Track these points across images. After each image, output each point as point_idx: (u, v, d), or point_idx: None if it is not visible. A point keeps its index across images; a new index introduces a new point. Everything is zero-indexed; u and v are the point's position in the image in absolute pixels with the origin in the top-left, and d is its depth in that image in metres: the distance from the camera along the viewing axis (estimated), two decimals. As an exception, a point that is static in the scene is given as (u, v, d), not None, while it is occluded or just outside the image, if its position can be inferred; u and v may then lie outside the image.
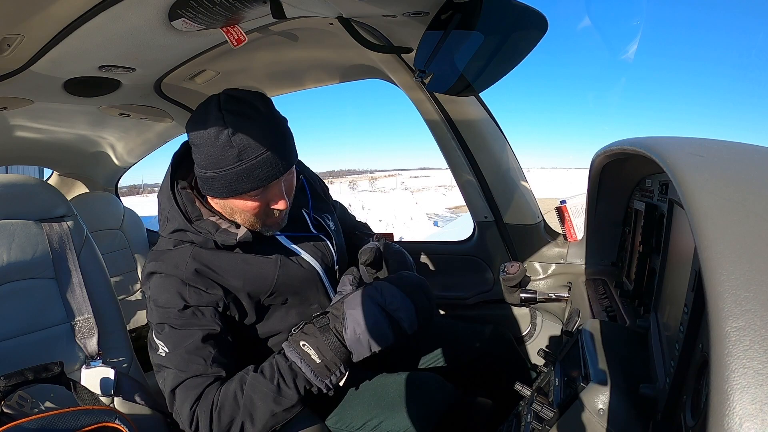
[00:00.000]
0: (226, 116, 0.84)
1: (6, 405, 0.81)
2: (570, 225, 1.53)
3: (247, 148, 0.84)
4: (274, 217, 0.95)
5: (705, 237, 0.42)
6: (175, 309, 0.88)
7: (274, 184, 0.90)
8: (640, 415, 0.64)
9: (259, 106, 0.87)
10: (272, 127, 0.87)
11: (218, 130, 0.83)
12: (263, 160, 0.85)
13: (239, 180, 0.86)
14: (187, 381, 0.86)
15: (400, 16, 1.06)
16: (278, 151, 0.87)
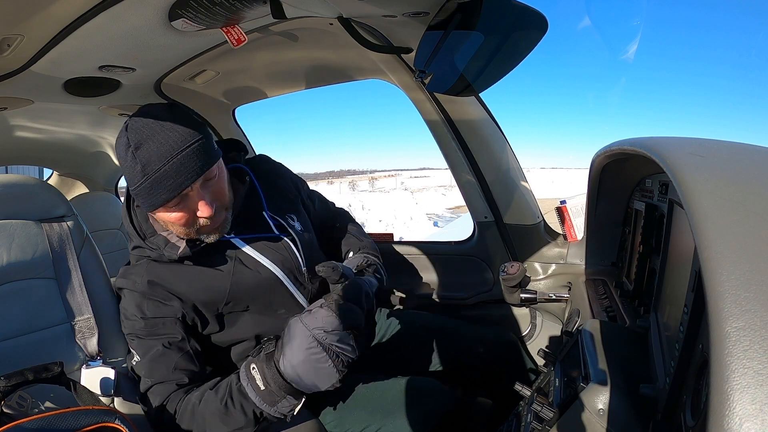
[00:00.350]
0: (129, 134, 0.86)
1: (6, 405, 0.80)
2: (570, 225, 1.53)
3: (149, 162, 0.85)
4: (207, 224, 0.94)
5: (705, 237, 0.42)
6: (138, 321, 0.95)
7: (190, 192, 0.89)
8: (640, 415, 0.64)
9: (162, 118, 0.87)
10: (175, 136, 0.86)
11: (125, 149, 0.86)
12: (167, 171, 0.85)
13: (150, 194, 0.87)
14: (154, 387, 0.91)
15: (400, 16, 1.06)
16: (185, 160, 0.86)
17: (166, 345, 0.93)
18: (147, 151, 0.85)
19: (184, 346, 0.94)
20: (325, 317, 0.79)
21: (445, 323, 1.36)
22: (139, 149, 0.85)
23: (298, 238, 1.07)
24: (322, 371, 0.79)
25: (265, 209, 1.07)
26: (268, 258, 1.03)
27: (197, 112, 1.92)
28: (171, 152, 0.85)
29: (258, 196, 1.08)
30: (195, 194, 0.90)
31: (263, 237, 1.04)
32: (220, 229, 0.97)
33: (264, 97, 1.83)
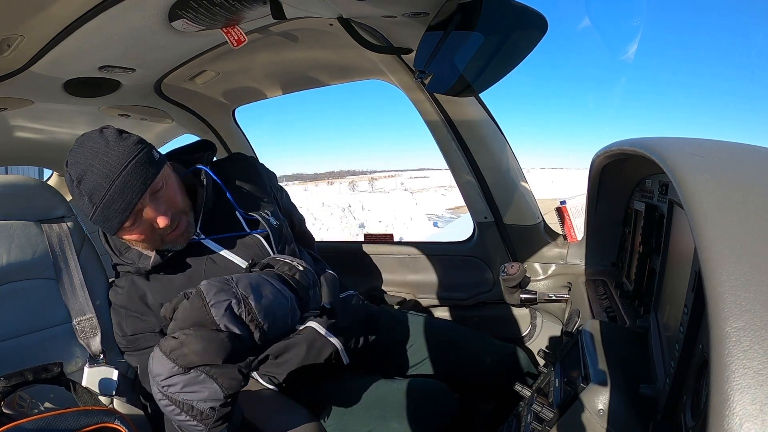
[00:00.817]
0: (70, 170, 0.87)
1: (6, 405, 0.80)
2: (570, 225, 1.53)
3: (94, 191, 0.85)
4: (169, 233, 0.94)
5: (705, 237, 0.42)
6: (120, 338, 1.01)
7: (141, 208, 0.89)
8: (640, 416, 0.64)
9: (96, 144, 0.87)
10: (112, 159, 0.85)
11: (71, 184, 0.87)
12: (113, 195, 0.85)
13: (105, 221, 0.88)
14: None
15: (400, 16, 1.07)
16: (127, 178, 0.85)
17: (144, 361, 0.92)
18: (89, 181, 0.85)
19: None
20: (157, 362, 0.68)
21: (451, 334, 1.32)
22: (81, 182, 0.85)
23: (272, 232, 1.05)
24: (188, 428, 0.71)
25: (236, 208, 1.06)
26: (239, 256, 1.02)
27: (197, 112, 1.93)
28: (111, 176, 0.84)
29: (224, 197, 1.06)
30: (147, 209, 0.90)
31: (234, 236, 1.04)
32: (185, 235, 0.97)
33: (264, 97, 1.83)
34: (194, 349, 0.65)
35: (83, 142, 0.89)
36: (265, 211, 1.09)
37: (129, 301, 0.99)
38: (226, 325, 0.66)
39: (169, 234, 0.94)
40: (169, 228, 0.92)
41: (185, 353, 0.66)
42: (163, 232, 0.93)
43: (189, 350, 0.66)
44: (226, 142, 2.10)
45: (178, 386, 0.67)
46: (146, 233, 0.92)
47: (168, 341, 0.67)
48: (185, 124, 1.97)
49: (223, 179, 1.06)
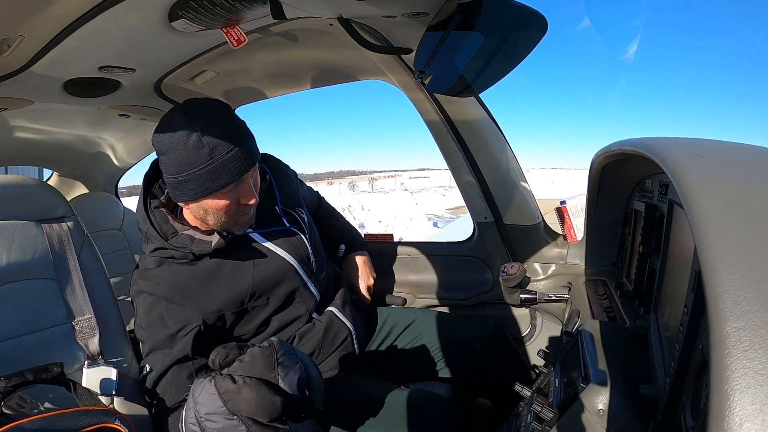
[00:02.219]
0: (193, 121, 0.89)
1: (6, 406, 0.80)
2: (570, 225, 1.53)
3: (217, 146, 0.89)
4: (244, 214, 0.99)
5: (705, 237, 0.42)
6: (158, 333, 0.96)
7: (243, 180, 0.94)
8: (640, 416, 0.64)
9: (220, 109, 0.94)
10: (236, 126, 0.93)
11: (188, 134, 0.89)
12: (233, 156, 0.90)
13: (213, 177, 0.90)
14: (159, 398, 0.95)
15: (399, 16, 1.07)
16: (245, 148, 0.92)
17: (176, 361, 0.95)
18: (214, 135, 0.88)
19: (189, 365, 0.96)
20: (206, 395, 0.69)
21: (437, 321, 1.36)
22: (204, 132, 0.88)
23: (306, 229, 1.14)
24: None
25: (278, 204, 1.13)
26: (283, 249, 1.08)
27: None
28: (237, 139, 0.90)
29: (273, 192, 1.14)
30: (247, 183, 0.95)
31: (278, 230, 1.10)
32: (250, 222, 1.02)
33: (264, 97, 1.83)
34: (248, 399, 0.67)
35: (207, 103, 0.93)
36: (300, 209, 1.17)
37: (173, 288, 0.97)
38: (286, 388, 0.69)
39: (242, 216, 0.98)
40: (249, 209, 0.97)
41: (238, 400, 0.67)
42: (243, 211, 0.97)
43: (242, 399, 0.67)
44: (226, 142, 2.10)
45: (217, 425, 0.69)
46: (229, 206, 0.95)
47: (226, 381, 0.68)
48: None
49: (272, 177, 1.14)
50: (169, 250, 0.98)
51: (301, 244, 1.12)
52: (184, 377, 0.95)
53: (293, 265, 1.09)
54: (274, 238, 1.08)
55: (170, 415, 0.93)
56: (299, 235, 1.13)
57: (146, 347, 0.99)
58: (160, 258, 1.01)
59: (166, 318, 0.97)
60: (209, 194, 0.93)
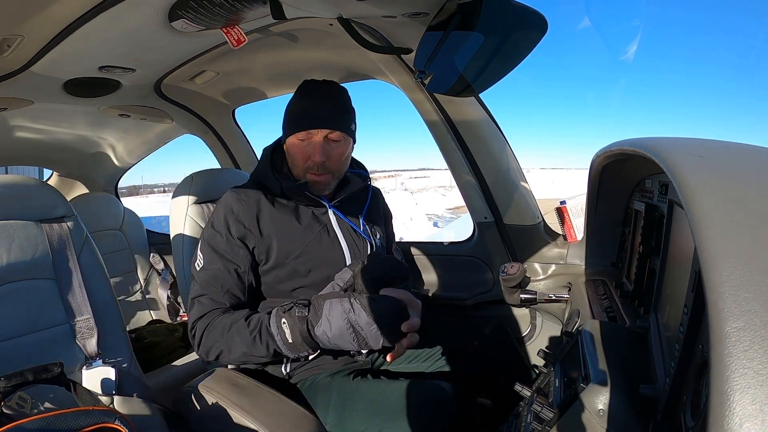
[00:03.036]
0: (317, 83, 1.15)
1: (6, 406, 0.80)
2: (570, 225, 1.53)
3: (312, 102, 1.11)
4: (314, 173, 1.12)
5: (705, 237, 0.42)
6: (221, 236, 1.09)
7: (315, 136, 1.10)
8: (640, 416, 0.64)
9: (336, 86, 1.16)
10: (338, 100, 1.14)
11: (306, 88, 1.14)
12: (318, 114, 1.10)
13: (300, 117, 1.11)
14: (202, 298, 1.06)
15: (399, 16, 1.07)
16: (331, 113, 1.11)
17: (230, 270, 1.07)
18: (318, 95, 1.12)
19: (243, 277, 1.09)
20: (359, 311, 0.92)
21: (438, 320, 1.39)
22: (314, 93, 1.13)
23: (371, 245, 1.23)
24: (348, 344, 0.94)
25: (363, 216, 1.26)
26: (346, 242, 1.18)
27: (197, 113, 1.92)
28: (330, 105, 1.11)
29: (364, 204, 1.28)
30: (316, 139, 1.10)
31: (352, 226, 1.21)
32: (319, 186, 1.15)
33: (264, 97, 1.83)
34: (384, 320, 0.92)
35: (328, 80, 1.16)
36: (377, 228, 1.29)
37: (247, 206, 1.11)
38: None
39: (310, 173, 1.12)
40: (313, 167, 1.11)
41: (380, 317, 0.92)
42: (308, 166, 1.12)
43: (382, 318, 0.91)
44: (226, 142, 2.10)
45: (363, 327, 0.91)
46: (301, 155, 1.12)
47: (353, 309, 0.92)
48: (185, 124, 1.97)
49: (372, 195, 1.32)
50: (269, 180, 1.15)
51: (362, 249, 1.21)
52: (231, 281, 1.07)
53: (345, 260, 1.17)
54: (344, 228, 1.20)
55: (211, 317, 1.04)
56: (364, 241, 1.22)
57: (205, 244, 1.11)
58: (253, 182, 1.18)
59: (231, 228, 1.09)
60: (290, 134, 1.12)
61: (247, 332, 0.99)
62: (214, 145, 2.12)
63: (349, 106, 1.17)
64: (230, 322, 1.02)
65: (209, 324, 1.03)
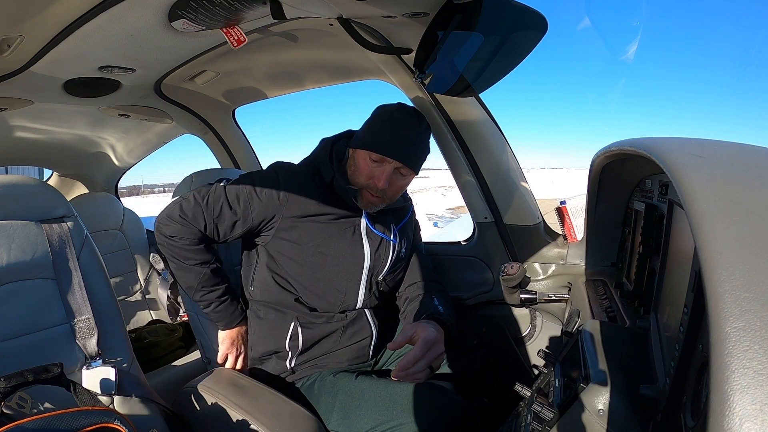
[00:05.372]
0: (413, 112, 1.20)
1: (6, 406, 0.80)
2: (570, 226, 1.53)
3: (402, 130, 1.14)
4: (372, 193, 1.15)
5: (705, 237, 0.42)
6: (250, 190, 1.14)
7: (388, 164, 1.13)
8: (640, 416, 0.64)
9: (423, 123, 1.20)
10: (422, 138, 1.19)
11: (402, 114, 1.17)
12: (401, 143, 1.13)
13: (379, 138, 1.13)
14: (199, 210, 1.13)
15: (399, 16, 1.06)
16: (410, 148, 1.14)
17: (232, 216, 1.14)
18: (409, 126, 1.15)
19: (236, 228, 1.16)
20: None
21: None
22: (407, 122, 1.16)
23: (394, 252, 1.26)
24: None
25: (398, 228, 1.30)
26: (369, 246, 1.21)
27: (197, 113, 1.92)
28: (414, 141, 1.16)
29: (402, 218, 1.33)
30: (388, 168, 1.13)
31: (380, 235, 1.24)
32: (370, 206, 1.19)
33: (264, 97, 1.83)
34: None
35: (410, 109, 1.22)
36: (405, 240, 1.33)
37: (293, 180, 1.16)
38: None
39: (368, 193, 1.16)
40: (375, 190, 1.15)
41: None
42: (368, 185, 1.15)
43: None
44: (226, 142, 2.10)
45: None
46: (366, 173, 1.14)
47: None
48: (185, 124, 1.97)
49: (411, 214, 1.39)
50: (329, 173, 1.17)
51: (384, 258, 1.24)
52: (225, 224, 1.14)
53: (364, 262, 1.20)
54: (372, 236, 1.23)
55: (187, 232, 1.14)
56: (390, 250, 1.26)
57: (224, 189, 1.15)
58: (311, 165, 1.21)
59: (258, 190, 1.14)
60: (370, 147, 1.13)
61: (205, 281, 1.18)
62: (214, 145, 2.12)
63: (428, 147, 1.23)
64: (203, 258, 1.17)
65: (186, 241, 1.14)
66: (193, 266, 1.16)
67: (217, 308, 1.21)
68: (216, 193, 1.14)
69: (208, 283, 1.18)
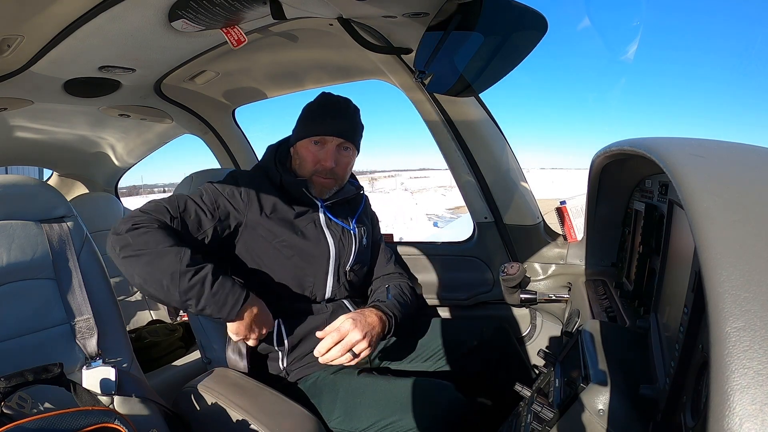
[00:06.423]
0: (332, 96, 1.24)
1: (6, 406, 0.80)
2: (570, 225, 1.53)
3: (328, 112, 1.19)
4: (322, 176, 1.20)
5: (705, 237, 0.42)
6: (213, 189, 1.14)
7: (328, 143, 1.19)
8: (640, 416, 0.64)
9: (351, 103, 1.24)
10: (353, 114, 1.23)
11: (322, 100, 1.22)
12: (332, 123, 1.18)
13: (313, 122, 1.19)
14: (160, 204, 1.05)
15: (400, 17, 1.07)
16: (345, 124, 1.20)
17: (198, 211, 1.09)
18: (333, 107, 1.21)
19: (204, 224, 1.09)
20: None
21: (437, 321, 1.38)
22: (329, 103, 1.21)
23: (357, 242, 1.30)
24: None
25: (355, 218, 1.33)
26: (332, 236, 1.24)
27: (197, 113, 1.92)
28: (348, 111, 1.21)
29: (357, 208, 1.37)
30: (331, 146, 1.19)
31: (340, 224, 1.28)
32: (322, 189, 1.23)
33: (264, 97, 1.83)
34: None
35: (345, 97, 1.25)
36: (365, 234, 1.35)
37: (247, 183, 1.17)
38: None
39: (317, 175, 1.20)
40: (322, 171, 1.19)
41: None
42: (317, 169, 1.19)
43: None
44: (226, 142, 2.10)
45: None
46: (312, 159, 1.19)
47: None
48: (185, 124, 1.97)
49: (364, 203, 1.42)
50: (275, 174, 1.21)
51: (348, 246, 1.26)
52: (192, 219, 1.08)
53: (330, 253, 1.22)
54: (333, 226, 1.26)
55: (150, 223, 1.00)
56: (352, 239, 1.28)
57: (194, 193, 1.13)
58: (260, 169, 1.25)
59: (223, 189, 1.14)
60: (304, 137, 1.20)
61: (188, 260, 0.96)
62: (214, 145, 2.12)
63: (361, 123, 1.27)
64: (177, 241, 1.00)
65: (152, 225, 0.99)
66: (169, 248, 0.96)
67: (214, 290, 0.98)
68: (177, 197, 1.10)
69: (193, 263, 0.97)
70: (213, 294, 0.97)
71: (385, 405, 1.05)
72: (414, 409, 1.02)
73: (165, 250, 0.96)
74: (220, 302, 0.98)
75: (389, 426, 1.02)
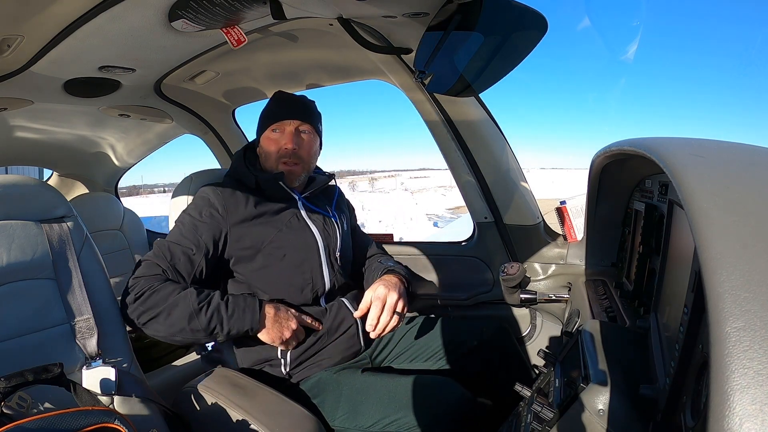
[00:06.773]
0: (284, 93, 1.31)
1: (6, 406, 0.80)
2: (570, 225, 1.53)
3: (284, 96, 1.29)
4: (287, 162, 1.22)
5: (705, 237, 0.42)
6: (190, 217, 1.16)
7: (286, 126, 1.23)
8: (640, 416, 0.64)
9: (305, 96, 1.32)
10: (306, 101, 1.29)
11: (275, 95, 1.30)
12: (290, 104, 1.26)
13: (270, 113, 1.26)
14: (152, 262, 1.09)
15: (400, 16, 1.07)
16: (299, 107, 1.26)
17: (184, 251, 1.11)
18: (284, 96, 1.30)
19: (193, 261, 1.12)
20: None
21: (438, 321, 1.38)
22: (282, 96, 1.29)
23: (341, 229, 1.33)
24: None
25: (333, 206, 1.37)
26: (316, 226, 1.26)
27: (197, 113, 1.92)
28: (298, 106, 1.26)
29: (332, 198, 1.40)
30: (288, 129, 1.23)
31: (320, 212, 1.31)
32: (291, 176, 1.25)
33: (264, 97, 1.83)
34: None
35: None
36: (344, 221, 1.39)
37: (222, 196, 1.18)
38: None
39: (282, 161, 1.23)
40: (287, 155, 1.22)
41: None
42: (280, 154, 1.23)
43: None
44: (226, 142, 2.10)
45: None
46: (274, 145, 1.23)
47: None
48: (185, 124, 1.97)
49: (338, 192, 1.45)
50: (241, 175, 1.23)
51: (332, 234, 1.29)
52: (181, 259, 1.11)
53: (318, 243, 1.24)
54: (315, 216, 1.29)
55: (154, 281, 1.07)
56: (335, 226, 1.31)
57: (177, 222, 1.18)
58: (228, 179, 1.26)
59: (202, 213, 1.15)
60: (264, 130, 1.25)
61: (195, 300, 1.03)
62: (214, 145, 2.12)
63: (317, 110, 1.31)
64: (176, 289, 1.05)
65: (153, 286, 1.05)
66: (176, 296, 1.04)
67: (230, 311, 1.05)
68: (159, 247, 1.12)
69: (204, 297, 1.05)
70: (230, 315, 1.06)
71: (389, 402, 1.05)
72: (419, 406, 1.03)
73: (173, 300, 1.04)
74: (240, 318, 1.06)
75: (394, 423, 1.03)
